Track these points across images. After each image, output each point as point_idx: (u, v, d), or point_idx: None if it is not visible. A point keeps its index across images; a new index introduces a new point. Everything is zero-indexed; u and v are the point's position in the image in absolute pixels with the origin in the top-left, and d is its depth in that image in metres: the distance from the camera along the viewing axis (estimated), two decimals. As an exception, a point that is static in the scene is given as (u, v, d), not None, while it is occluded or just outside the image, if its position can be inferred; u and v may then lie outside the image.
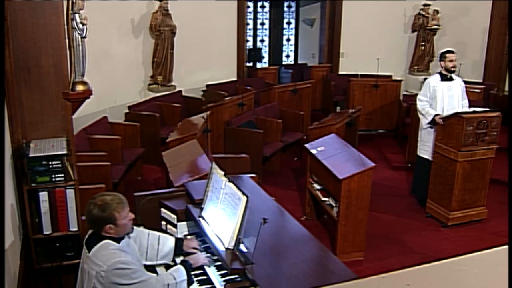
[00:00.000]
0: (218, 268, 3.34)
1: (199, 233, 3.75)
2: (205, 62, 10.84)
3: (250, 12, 14.02)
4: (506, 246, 1.60)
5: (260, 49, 14.81)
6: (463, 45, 11.36)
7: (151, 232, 3.59)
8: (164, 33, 9.66)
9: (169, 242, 3.57)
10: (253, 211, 3.29)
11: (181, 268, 3.29)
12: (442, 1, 11.55)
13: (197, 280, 3.29)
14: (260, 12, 14.56)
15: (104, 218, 3.09)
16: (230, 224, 3.25)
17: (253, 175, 4.58)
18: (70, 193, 4.26)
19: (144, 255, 3.51)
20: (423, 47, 11.90)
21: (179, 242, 3.59)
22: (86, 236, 3.22)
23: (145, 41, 9.81)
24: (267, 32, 14.81)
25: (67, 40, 4.42)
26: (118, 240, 3.17)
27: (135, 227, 3.42)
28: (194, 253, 3.51)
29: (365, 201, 5.55)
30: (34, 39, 4.34)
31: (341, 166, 5.61)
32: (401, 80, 10.91)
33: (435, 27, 11.68)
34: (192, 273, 3.35)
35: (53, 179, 4.21)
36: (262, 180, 7.20)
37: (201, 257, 3.44)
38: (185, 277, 3.24)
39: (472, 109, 6.49)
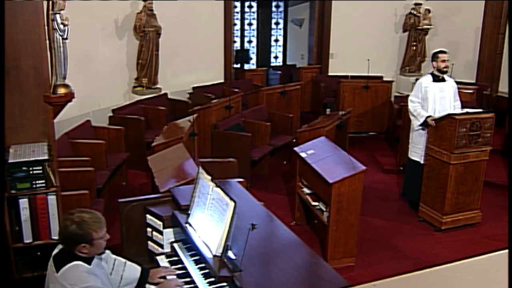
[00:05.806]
0: (206, 275, 3.29)
1: (185, 240, 3.71)
2: (191, 63, 10.77)
3: (237, 12, 14.02)
4: (500, 252, 1.61)
5: (248, 50, 14.79)
6: (456, 45, 11.39)
7: (118, 257, 3.51)
8: (148, 34, 9.55)
9: (134, 271, 3.49)
10: (241, 216, 3.26)
11: None
12: (433, 0, 11.53)
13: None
14: (247, 12, 14.54)
15: (80, 236, 3.01)
16: (217, 230, 3.20)
17: (241, 179, 4.55)
18: (52, 200, 4.18)
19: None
20: (414, 47, 11.93)
21: (145, 271, 3.51)
22: (55, 252, 3.12)
23: (129, 42, 9.70)
24: (254, 33, 14.80)
25: (47, 42, 4.33)
26: (88, 260, 3.08)
27: None
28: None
29: (356, 205, 5.49)
30: (13, 41, 4.23)
31: (331, 170, 5.55)
32: (392, 81, 10.95)
33: (427, 26, 11.71)
34: (181, 280, 3.35)
35: (34, 186, 4.12)
36: (250, 184, 7.14)
37: (172, 284, 3.36)
38: None
39: (465, 110, 6.44)
